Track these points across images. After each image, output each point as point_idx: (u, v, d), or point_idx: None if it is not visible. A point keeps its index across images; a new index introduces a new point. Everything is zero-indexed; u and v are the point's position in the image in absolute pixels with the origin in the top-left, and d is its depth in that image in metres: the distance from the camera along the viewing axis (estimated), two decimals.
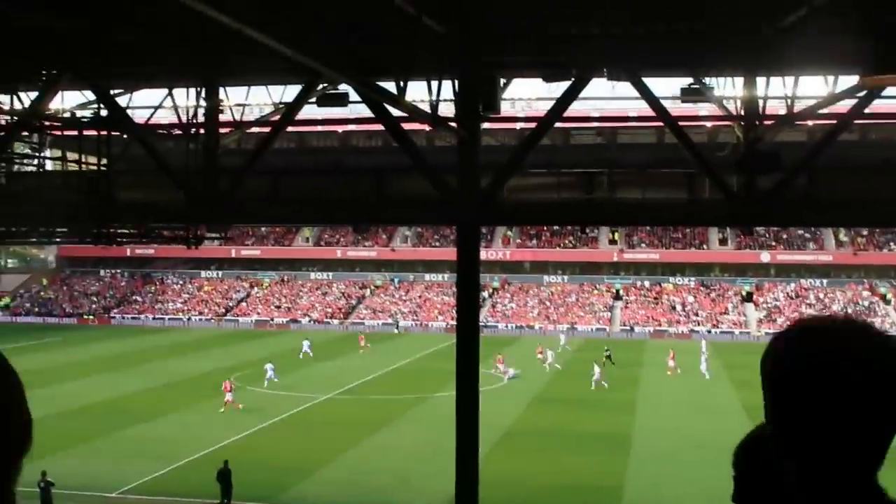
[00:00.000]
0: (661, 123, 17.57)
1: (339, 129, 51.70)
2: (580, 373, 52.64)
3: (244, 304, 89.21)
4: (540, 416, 41.07)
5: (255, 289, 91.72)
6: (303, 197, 19.23)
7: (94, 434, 36.25)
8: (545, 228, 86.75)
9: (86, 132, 18.86)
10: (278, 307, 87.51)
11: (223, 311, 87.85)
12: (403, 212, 19.90)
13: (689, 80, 17.11)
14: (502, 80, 17.20)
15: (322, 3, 12.22)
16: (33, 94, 17.93)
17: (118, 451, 33.86)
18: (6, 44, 15.05)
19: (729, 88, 18.98)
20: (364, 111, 17.86)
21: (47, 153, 21.89)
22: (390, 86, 13.95)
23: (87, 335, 74.32)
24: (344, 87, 17.32)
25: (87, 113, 20.18)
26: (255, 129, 22.87)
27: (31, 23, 12.95)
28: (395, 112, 15.69)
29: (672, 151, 18.78)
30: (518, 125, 37.38)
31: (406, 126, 17.03)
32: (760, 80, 16.89)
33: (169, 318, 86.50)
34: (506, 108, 19.50)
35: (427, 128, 20.22)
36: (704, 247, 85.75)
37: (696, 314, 79.99)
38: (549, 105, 16.85)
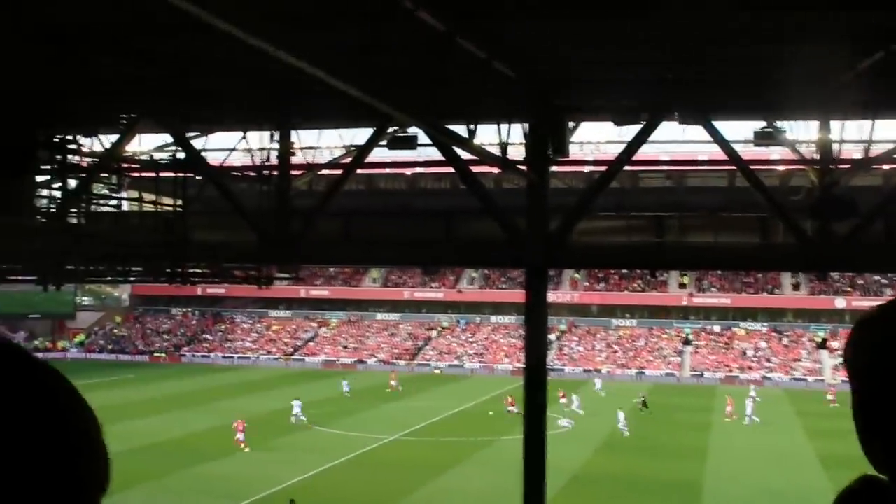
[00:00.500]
0: (732, 167, 17.40)
1: (408, 171, 52.09)
2: (647, 418, 51.89)
3: (312, 343, 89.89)
4: (608, 461, 40.48)
5: (323, 329, 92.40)
6: (373, 238, 19.40)
7: (163, 471, 36.67)
8: (613, 271, 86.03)
9: (162, 174, 19.32)
10: (345, 347, 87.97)
11: (291, 350, 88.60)
12: (472, 254, 19.93)
13: (762, 123, 16.94)
14: (571, 124, 17.22)
15: (392, 47, 12.41)
16: (113, 137, 18.45)
17: (186, 488, 34.19)
18: (89, 90, 15.53)
19: (802, 132, 18.74)
20: (433, 154, 18.01)
21: (125, 194, 22.43)
22: (460, 129, 14.07)
23: (158, 373, 75.50)
24: (413, 130, 17.51)
25: (165, 155, 20.66)
26: (325, 172, 23.19)
27: (113, 70, 13.36)
28: (465, 155, 15.79)
29: (744, 195, 18.56)
30: (586, 168, 37.29)
31: (475, 168, 17.12)
32: (835, 124, 16.65)
33: (238, 357, 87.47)
34: (574, 151, 19.49)
35: (495, 170, 20.29)
36: (777, 291, 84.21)
37: (769, 360, 78.37)
38: (617, 148, 16.82)
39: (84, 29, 11.22)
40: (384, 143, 18.12)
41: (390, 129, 17.61)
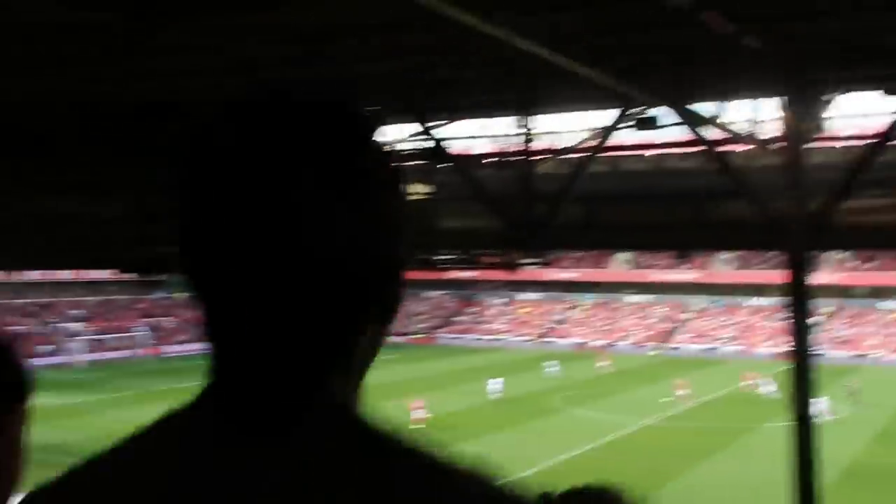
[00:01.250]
0: None
1: (652, 152, 50.90)
2: None
3: (563, 326, 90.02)
4: (889, 454, 37.77)
5: (573, 311, 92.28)
6: (618, 223, 18.96)
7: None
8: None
9: (409, 163, 19.76)
10: (596, 330, 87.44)
11: (542, 332, 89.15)
12: (726, 237, 19.07)
13: None
14: (829, 97, 16.03)
15: (635, 26, 11.98)
16: None
17: None
18: (334, 86, 16.08)
19: None
20: (679, 134, 17.35)
21: None
22: (709, 106, 13.44)
23: (417, 353, 78.00)
24: (659, 110, 16.92)
25: (410, 145, 21.15)
26: (568, 156, 22.93)
27: (359, 65, 13.75)
28: (714, 134, 15.09)
29: None
30: (846, 144, 34.93)
31: (725, 148, 16.31)
32: None
33: (489, 339, 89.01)
34: (833, 126, 18.20)
35: (747, 147, 19.29)
36: None
37: None
38: (879, 122, 15.50)
39: (329, 28, 11.58)
40: (629, 124, 17.64)
41: (634, 110, 17.11)
